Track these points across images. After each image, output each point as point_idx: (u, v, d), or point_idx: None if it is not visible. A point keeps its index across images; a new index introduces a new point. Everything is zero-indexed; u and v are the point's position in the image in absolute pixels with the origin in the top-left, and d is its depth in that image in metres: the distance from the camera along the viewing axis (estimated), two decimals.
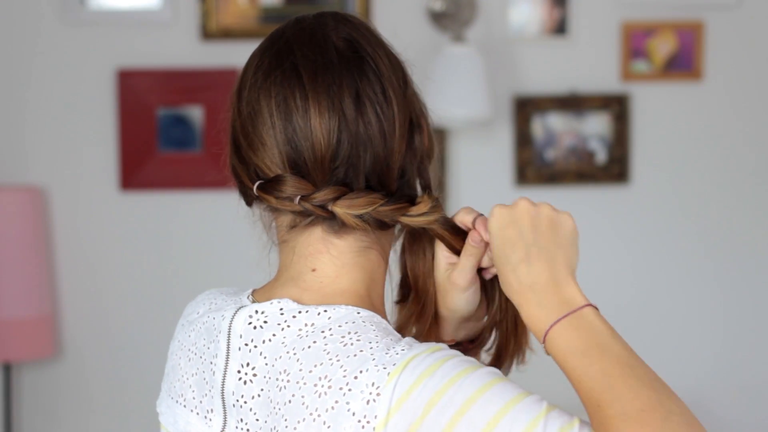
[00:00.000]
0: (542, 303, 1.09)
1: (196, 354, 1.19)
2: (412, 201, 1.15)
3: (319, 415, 1.05)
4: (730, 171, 3.08)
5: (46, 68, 3.05)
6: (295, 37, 1.16)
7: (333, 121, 1.11)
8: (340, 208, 1.11)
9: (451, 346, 1.15)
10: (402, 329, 1.23)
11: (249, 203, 1.19)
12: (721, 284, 3.09)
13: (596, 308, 1.09)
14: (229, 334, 1.14)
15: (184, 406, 1.19)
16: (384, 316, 1.17)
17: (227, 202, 1.23)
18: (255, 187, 1.13)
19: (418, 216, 1.15)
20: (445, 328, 1.26)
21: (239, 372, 1.13)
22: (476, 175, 3.06)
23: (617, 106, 3.05)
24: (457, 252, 1.21)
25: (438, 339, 1.25)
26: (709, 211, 3.09)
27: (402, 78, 1.17)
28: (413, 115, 1.16)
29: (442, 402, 1.02)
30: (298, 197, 1.11)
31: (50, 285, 3.01)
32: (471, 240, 1.19)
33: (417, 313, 1.23)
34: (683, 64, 3.05)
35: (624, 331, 3.55)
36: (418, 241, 1.22)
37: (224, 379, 1.14)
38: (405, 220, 1.14)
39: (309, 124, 1.11)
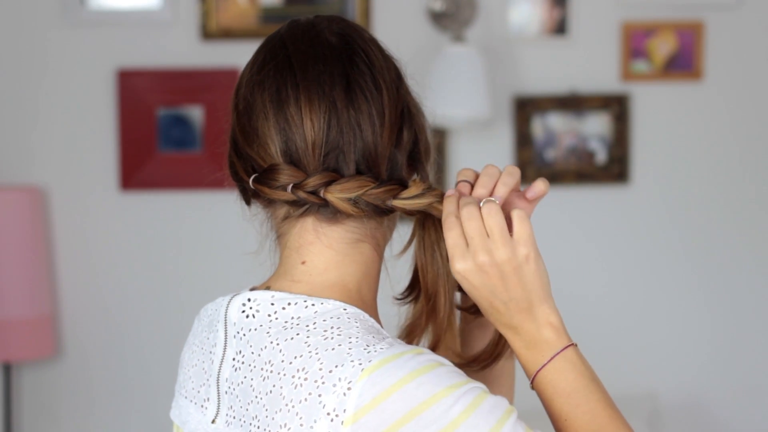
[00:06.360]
0: (528, 346, 1.13)
1: (198, 346, 1.21)
2: (404, 186, 1.15)
3: (293, 406, 1.07)
4: (730, 171, 3.08)
5: (47, 68, 3.05)
6: (289, 34, 1.18)
7: (323, 109, 1.12)
8: (332, 194, 1.12)
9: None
10: (415, 328, 1.21)
11: (248, 201, 1.20)
12: (721, 284, 3.09)
13: (576, 346, 1.13)
14: (225, 323, 1.16)
15: (185, 396, 1.22)
16: (374, 312, 1.17)
17: (227, 202, 1.23)
18: (251, 180, 1.14)
19: (410, 199, 1.14)
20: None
21: (233, 360, 1.15)
22: None
23: (617, 106, 3.05)
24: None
25: (453, 347, 1.23)
26: (709, 210, 3.08)
27: (396, 74, 1.18)
28: (405, 110, 1.17)
29: (423, 417, 1.03)
30: (291, 185, 1.12)
31: (50, 285, 3.01)
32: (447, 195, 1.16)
33: (428, 312, 1.21)
34: (683, 64, 3.05)
35: (624, 330, 3.51)
36: (428, 237, 1.20)
37: (221, 367, 1.16)
38: (398, 203, 1.14)
39: (300, 112, 1.13)
